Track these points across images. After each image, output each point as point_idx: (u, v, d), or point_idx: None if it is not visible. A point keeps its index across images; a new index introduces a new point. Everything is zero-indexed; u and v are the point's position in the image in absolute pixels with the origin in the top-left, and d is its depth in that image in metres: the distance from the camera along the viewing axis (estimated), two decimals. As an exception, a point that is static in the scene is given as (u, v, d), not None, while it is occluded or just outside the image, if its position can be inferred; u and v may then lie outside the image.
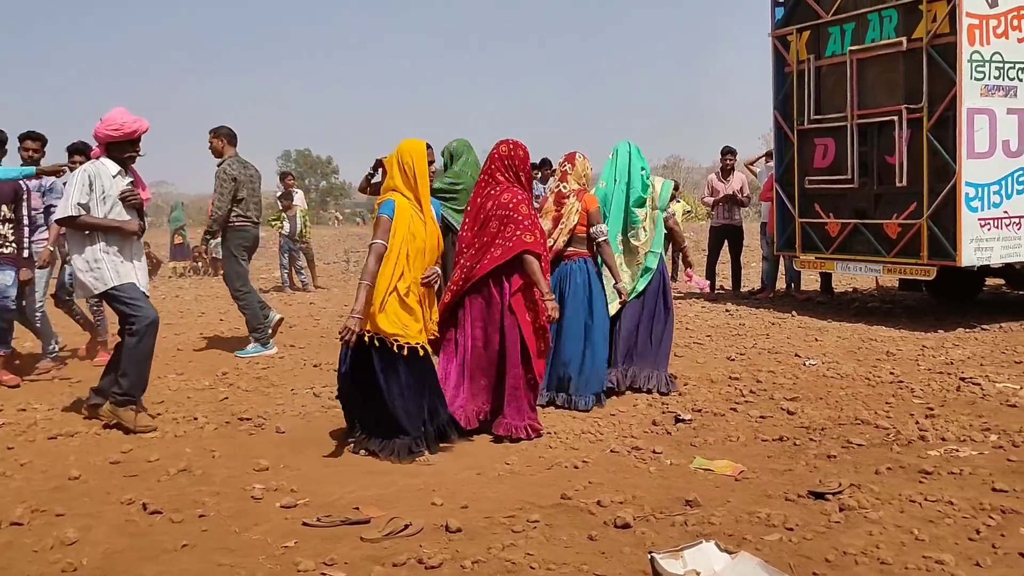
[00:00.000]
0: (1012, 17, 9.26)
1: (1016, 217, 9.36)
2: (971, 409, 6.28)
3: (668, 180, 7.69)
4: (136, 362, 6.17)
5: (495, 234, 5.66)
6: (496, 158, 5.80)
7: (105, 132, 6.15)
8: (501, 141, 5.87)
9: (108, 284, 6.12)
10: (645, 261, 7.08)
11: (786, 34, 11.13)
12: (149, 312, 6.20)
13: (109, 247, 6.15)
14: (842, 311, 11.08)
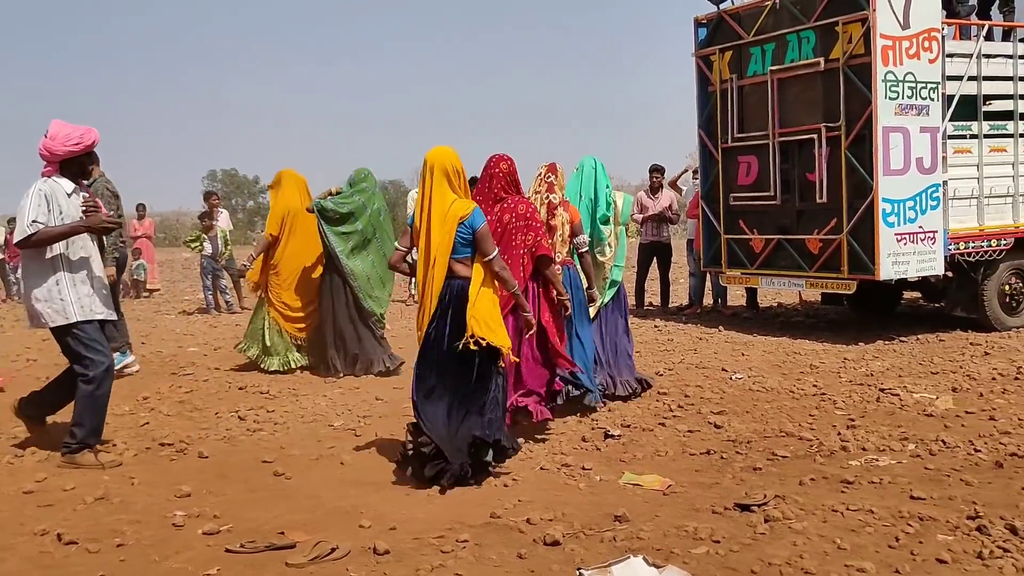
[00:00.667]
0: (923, 39, 9.57)
1: (930, 232, 9.65)
2: (890, 419, 6.44)
3: (628, 195, 7.85)
4: (93, 411, 5.72)
5: (520, 244, 5.95)
6: (499, 175, 5.94)
7: (66, 148, 5.67)
8: (498, 158, 5.99)
9: (69, 319, 5.63)
10: (611, 275, 7.32)
11: (709, 54, 11.34)
12: (107, 357, 5.76)
13: (73, 274, 5.67)
14: (767, 325, 11.28)
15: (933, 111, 9.67)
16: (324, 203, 8.57)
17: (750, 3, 10.89)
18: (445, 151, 5.36)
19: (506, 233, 5.94)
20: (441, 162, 5.30)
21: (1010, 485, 4.90)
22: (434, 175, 5.29)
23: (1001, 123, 10.22)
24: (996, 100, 10.21)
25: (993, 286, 10.16)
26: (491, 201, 5.96)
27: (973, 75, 9.97)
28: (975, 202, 10.04)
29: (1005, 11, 10.95)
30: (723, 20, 11.14)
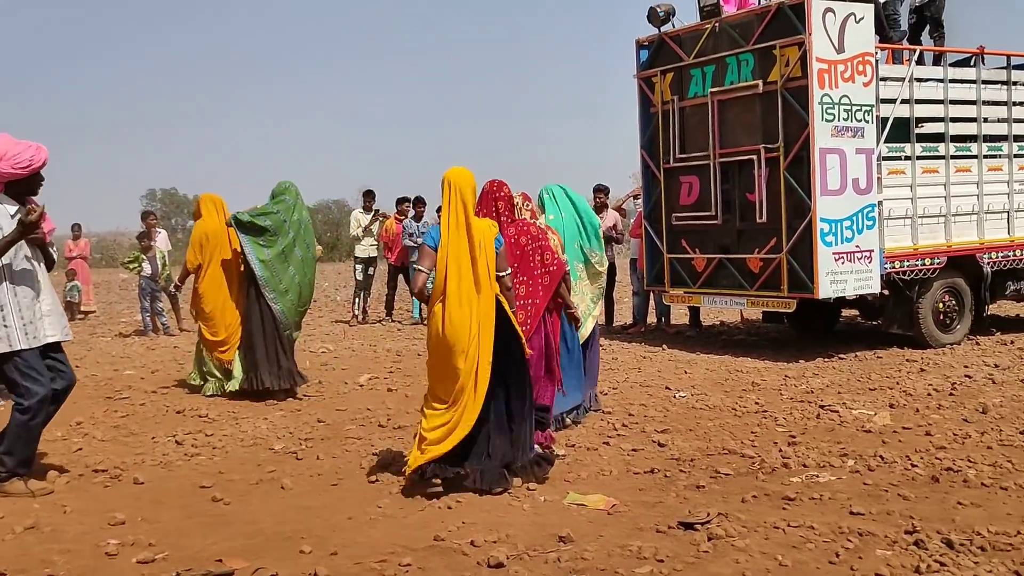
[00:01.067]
0: (857, 63, 9.78)
1: (867, 251, 9.84)
2: (830, 436, 6.52)
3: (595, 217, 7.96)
4: (25, 441, 5.50)
5: (539, 264, 6.15)
6: (505, 199, 6.05)
7: (12, 170, 5.36)
8: (500, 183, 6.06)
9: (12, 346, 5.36)
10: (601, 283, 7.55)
11: (651, 76, 11.47)
12: (43, 387, 5.48)
13: (19, 298, 5.40)
14: (710, 344, 11.39)
15: (868, 133, 9.89)
16: (240, 215, 8.50)
17: (691, 26, 11.05)
18: (467, 173, 5.40)
19: (524, 255, 6.11)
20: (469, 183, 5.34)
21: (946, 500, 4.99)
22: (464, 197, 5.30)
23: (933, 145, 10.48)
24: (928, 123, 10.47)
25: (927, 304, 10.38)
26: (504, 224, 5.99)
27: (906, 98, 10.21)
28: (909, 222, 10.27)
29: (935, 36, 11.27)
30: (664, 42, 11.29)
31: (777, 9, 9.89)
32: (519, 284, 6.01)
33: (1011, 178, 10.98)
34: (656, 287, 11.82)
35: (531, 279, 6.11)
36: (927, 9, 11.31)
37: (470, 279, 5.26)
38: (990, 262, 10.78)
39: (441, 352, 5.31)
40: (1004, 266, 10.97)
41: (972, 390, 7.92)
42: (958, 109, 10.64)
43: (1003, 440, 6.21)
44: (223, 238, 8.76)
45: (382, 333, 13.34)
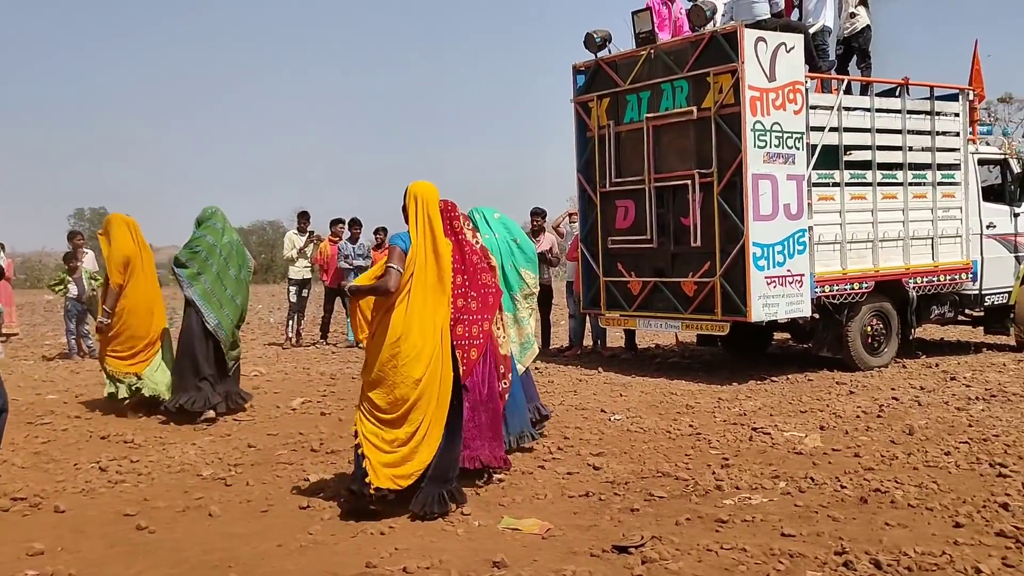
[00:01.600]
0: (788, 91, 10.00)
1: (798, 275, 10.02)
2: (762, 458, 6.59)
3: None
4: None
5: (488, 283, 6.10)
6: (459, 218, 6.06)
7: None
8: (451, 202, 6.04)
9: None
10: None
11: (587, 100, 11.58)
12: None
13: None
14: (645, 366, 11.46)
15: (799, 159, 10.09)
16: (177, 256, 8.71)
17: (626, 52, 11.19)
18: (433, 187, 5.54)
19: (475, 272, 6.06)
20: (434, 198, 5.49)
21: (874, 520, 5.06)
22: (430, 211, 5.43)
23: (861, 172, 10.74)
24: (856, 150, 10.73)
25: (856, 327, 10.59)
26: (456, 243, 5.99)
27: (834, 126, 10.46)
28: (838, 247, 10.48)
29: (862, 67, 11.57)
30: (600, 68, 11.40)
31: (711, 38, 10.07)
32: (471, 300, 6.02)
33: (935, 205, 11.30)
34: (592, 310, 11.87)
35: (481, 297, 6.11)
36: (855, 40, 11.61)
37: (436, 291, 5.36)
38: (915, 287, 11.05)
39: (392, 357, 5.23)
40: (929, 291, 11.26)
41: (899, 412, 8.08)
42: (884, 138, 10.94)
43: (928, 461, 6.34)
44: (138, 260, 8.93)
45: (316, 356, 13.17)
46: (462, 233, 6.08)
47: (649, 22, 10.85)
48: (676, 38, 10.94)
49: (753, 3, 10.41)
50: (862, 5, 11.56)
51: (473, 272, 6.05)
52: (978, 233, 11.81)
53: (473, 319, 5.95)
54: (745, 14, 10.37)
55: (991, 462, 6.25)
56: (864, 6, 11.58)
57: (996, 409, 8.10)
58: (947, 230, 11.44)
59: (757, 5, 10.40)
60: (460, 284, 5.88)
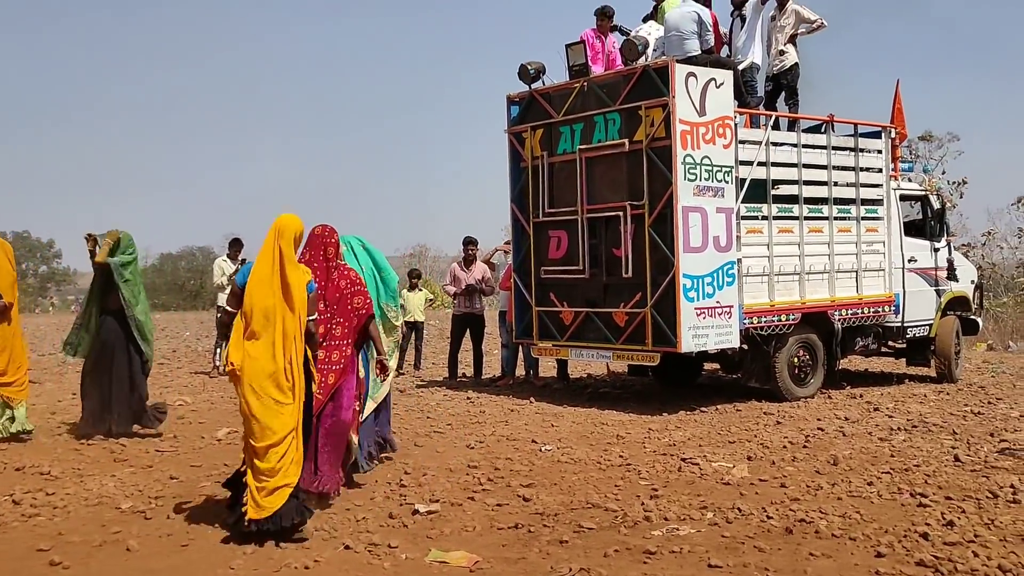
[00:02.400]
0: (718, 125, 10.18)
1: (727, 307, 10.16)
2: (690, 488, 6.63)
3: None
4: None
5: (359, 307, 6.30)
6: (332, 245, 6.29)
7: None
8: (330, 229, 6.33)
9: None
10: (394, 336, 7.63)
11: (521, 131, 11.64)
12: None
13: None
14: (577, 396, 11.48)
15: (728, 193, 10.26)
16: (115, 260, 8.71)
17: (560, 84, 11.29)
18: (294, 219, 5.71)
19: (343, 298, 6.25)
20: (291, 229, 5.65)
21: (798, 551, 5.12)
22: (282, 241, 5.58)
23: (788, 206, 10.96)
24: (783, 184, 10.95)
25: (784, 358, 10.76)
26: (325, 268, 6.24)
27: (763, 161, 10.67)
28: (766, 279, 10.67)
29: (790, 103, 11.85)
30: (535, 99, 11.49)
31: (643, 72, 10.22)
32: (336, 325, 6.24)
33: (859, 239, 11.58)
34: (525, 340, 11.87)
35: (347, 321, 6.27)
36: (783, 78, 11.88)
37: (278, 321, 5.46)
38: (841, 319, 11.28)
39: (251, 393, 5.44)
40: (853, 323, 11.51)
41: (824, 442, 8.21)
42: (810, 173, 11.18)
43: (852, 491, 6.44)
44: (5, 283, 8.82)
45: (245, 385, 12.90)
46: (334, 260, 6.29)
47: (583, 55, 10.99)
48: (609, 71, 11.10)
49: (684, 39, 10.61)
50: (790, 43, 11.85)
51: (341, 298, 6.24)
52: (900, 267, 12.13)
53: (335, 345, 6.19)
54: (676, 50, 10.56)
55: (912, 492, 6.37)
56: (792, 44, 11.87)
57: (917, 439, 8.29)
58: (871, 264, 11.73)
59: (688, 41, 10.60)
60: (323, 311, 6.12)
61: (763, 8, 11.70)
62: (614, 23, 11.78)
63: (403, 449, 8.06)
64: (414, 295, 14.49)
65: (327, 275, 6.21)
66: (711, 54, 10.81)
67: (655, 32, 11.31)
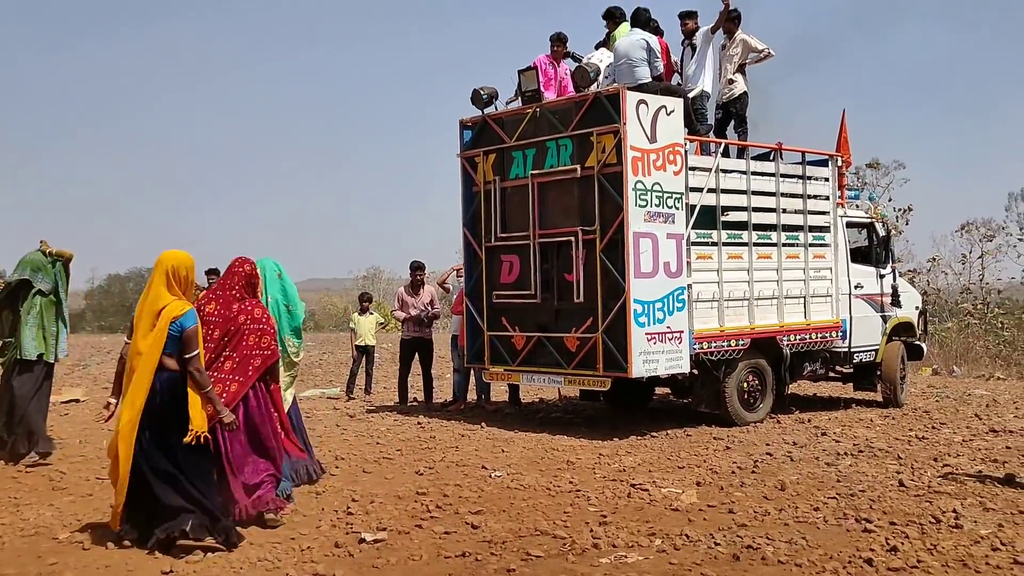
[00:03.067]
0: (668, 152, 10.28)
1: (677, 332, 10.22)
2: (639, 515, 6.62)
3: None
4: None
5: (254, 345, 6.32)
6: (241, 275, 6.41)
7: None
8: (242, 260, 6.48)
9: None
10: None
11: (474, 156, 11.65)
12: None
13: None
14: (528, 421, 11.45)
15: (678, 219, 10.35)
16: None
17: (513, 110, 11.34)
18: (175, 255, 5.85)
19: (239, 333, 6.31)
20: (167, 264, 5.80)
21: (745, 578, 5.13)
22: (156, 276, 5.82)
23: (737, 232, 11.08)
24: (732, 211, 11.07)
25: (733, 383, 10.84)
26: (231, 300, 6.35)
27: (712, 187, 10.79)
28: (716, 305, 10.76)
29: (739, 131, 12.00)
30: (487, 124, 11.51)
31: (594, 99, 10.29)
32: (226, 359, 6.27)
33: (807, 265, 11.73)
34: (476, 364, 11.83)
35: (240, 357, 6.31)
36: (732, 106, 12.04)
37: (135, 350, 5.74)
38: (789, 344, 11.41)
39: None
40: (802, 348, 11.63)
41: (772, 467, 8.27)
42: (759, 200, 11.32)
43: (799, 517, 6.49)
44: None
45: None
46: (241, 291, 6.39)
47: (535, 81, 11.05)
48: (561, 98, 11.17)
49: (635, 66, 10.72)
50: (739, 72, 12.02)
51: (238, 332, 6.29)
52: (847, 293, 12.31)
53: (219, 377, 6.19)
54: (627, 77, 10.66)
55: (857, 517, 6.43)
56: (741, 73, 12.04)
57: (863, 464, 8.38)
58: (818, 290, 11.89)
59: (638, 68, 10.71)
60: (217, 338, 6.23)
61: (713, 37, 11.86)
62: (567, 49, 11.88)
63: (351, 476, 7.98)
64: (365, 319, 14.39)
65: (228, 307, 6.32)
66: (661, 82, 10.93)
67: (606, 59, 11.41)
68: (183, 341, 5.69)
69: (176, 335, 5.68)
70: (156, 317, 5.68)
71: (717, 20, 11.68)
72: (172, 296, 5.76)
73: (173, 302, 5.73)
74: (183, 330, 5.68)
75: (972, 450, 9.17)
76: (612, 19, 11.78)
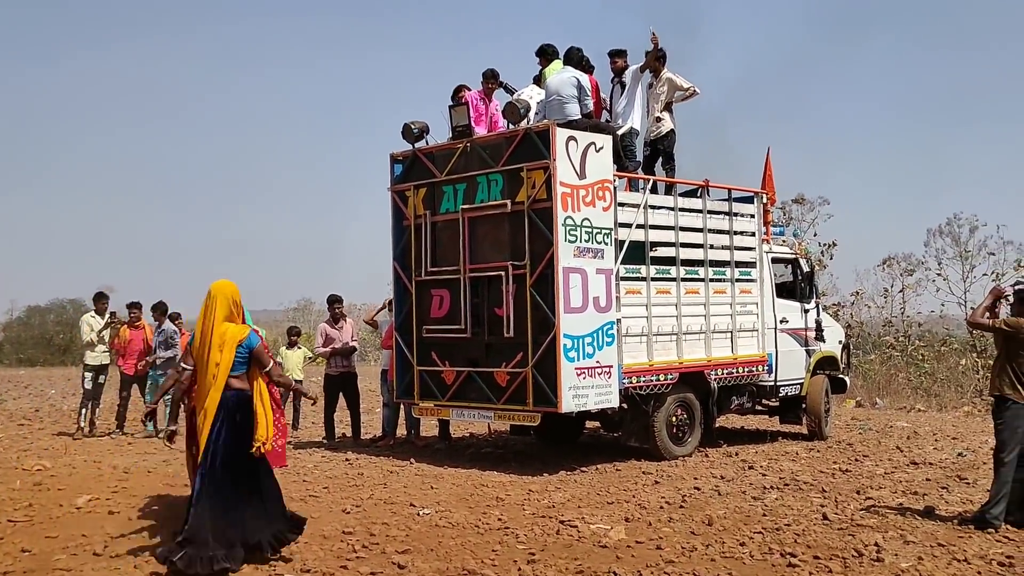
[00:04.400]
0: (598, 188, 10.38)
1: (606, 366, 10.26)
2: (568, 552, 6.59)
3: None
4: None
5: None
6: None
7: None
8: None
9: None
10: None
11: (404, 189, 11.61)
12: None
13: None
14: (458, 457, 11.36)
15: (607, 254, 10.43)
16: None
17: (443, 144, 11.34)
18: (228, 284, 6.43)
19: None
20: (224, 292, 6.36)
21: (672, 615, 5.12)
22: (218, 304, 6.31)
23: (665, 268, 11.21)
24: (661, 247, 11.21)
25: (662, 417, 10.91)
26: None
27: (641, 223, 10.91)
28: (645, 339, 10.84)
29: (667, 168, 12.19)
30: (418, 158, 11.50)
31: (524, 134, 10.36)
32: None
33: (733, 300, 11.92)
34: (406, 399, 11.72)
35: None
36: (660, 143, 12.22)
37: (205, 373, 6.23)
38: (717, 378, 11.54)
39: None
40: (729, 382, 11.78)
41: (700, 502, 8.32)
42: (687, 235, 11.49)
43: (725, 552, 6.52)
44: None
45: (110, 447, 12.29)
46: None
47: (466, 116, 11.08)
48: (492, 133, 11.22)
49: (564, 103, 10.83)
50: (667, 110, 12.22)
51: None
52: (773, 328, 12.53)
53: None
54: (557, 114, 10.76)
55: (782, 552, 6.49)
56: (669, 111, 12.24)
57: (788, 498, 8.48)
58: (745, 324, 12.07)
59: (568, 105, 10.82)
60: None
61: (642, 76, 12.05)
62: (503, 81, 11.96)
63: (275, 515, 7.77)
64: (293, 353, 14.18)
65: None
66: (591, 119, 11.05)
67: (537, 96, 11.51)
68: (254, 358, 6.36)
69: (244, 356, 6.31)
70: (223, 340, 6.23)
71: (646, 59, 11.88)
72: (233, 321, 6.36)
73: (233, 326, 6.33)
74: (250, 350, 6.33)
75: (893, 482, 9.36)
76: (545, 56, 11.89)
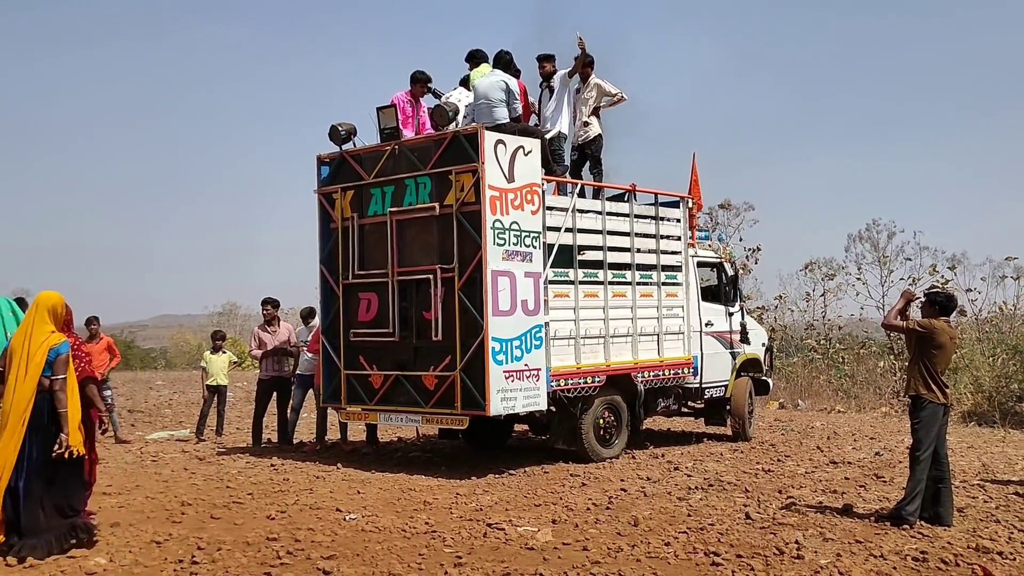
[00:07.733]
0: (526, 192, 10.41)
1: (535, 369, 10.29)
2: (495, 555, 6.59)
3: None
4: None
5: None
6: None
7: None
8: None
9: None
10: None
11: (331, 192, 11.49)
12: None
13: None
14: (386, 461, 11.28)
15: (536, 258, 10.47)
16: None
17: (371, 147, 11.26)
18: (51, 295, 6.73)
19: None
20: (47, 304, 6.68)
21: (597, 616, 5.15)
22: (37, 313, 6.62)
23: (593, 271, 11.29)
24: (589, 250, 11.29)
25: (589, 420, 10.98)
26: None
27: (569, 227, 10.98)
28: (573, 342, 10.90)
29: (594, 172, 12.28)
30: (345, 160, 11.39)
31: (453, 137, 10.35)
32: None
33: (660, 303, 12.06)
34: (333, 403, 11.60)
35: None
36: (588, 148, 12.31)
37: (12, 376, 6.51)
38: (643, 381, 11.65)
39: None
40: (655, 384, 11.91)
41: (626, 503, 8.40)
42: (614, 239, 11.59)
43: (650, 552, 6.59)
44: None
45: None
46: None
47: (394, 119, 11.02)
48: (420, 136, 11.18)
49: (493, 107, 10.83)
50: (594, 115, 12.32)
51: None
52: (698, 331, 12.72)
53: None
54: (485, 117, 10.76)
55: (706, 551, 6.59)
56: (596, 116, 12.34)
57: (712, 498, 8.61)
58: (671, 327, 12.22)
59: (497, 109, 10.83)
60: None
61: (570, 81, 12.13)
62: (430, 85, 11.90)
63: (198, 522, 7.64)
64: (218, 357, 13.92)
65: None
66: (519, 123, 11.08)
67: (465, 99, 11.50)
68: (55, 364, 6.52)
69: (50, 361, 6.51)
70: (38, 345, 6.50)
71: (574, 64, 11.96)
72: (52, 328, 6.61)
73: (54, 333, 6.59)
74: (55, 357, 6.52)
75: (814, 481, 9.58)
76: (473, 60, 11.89)
